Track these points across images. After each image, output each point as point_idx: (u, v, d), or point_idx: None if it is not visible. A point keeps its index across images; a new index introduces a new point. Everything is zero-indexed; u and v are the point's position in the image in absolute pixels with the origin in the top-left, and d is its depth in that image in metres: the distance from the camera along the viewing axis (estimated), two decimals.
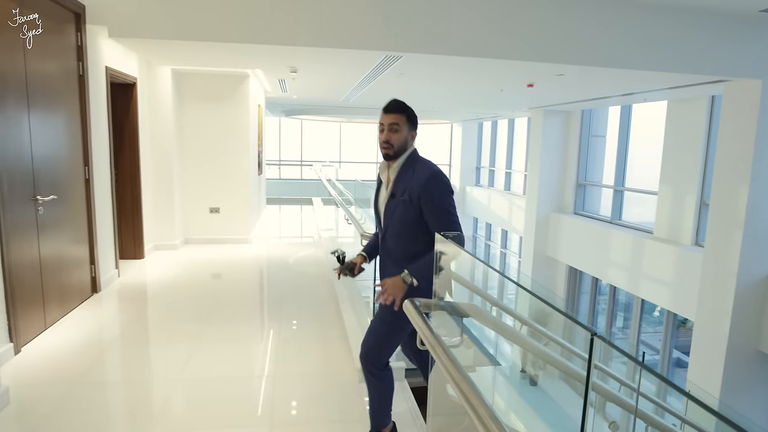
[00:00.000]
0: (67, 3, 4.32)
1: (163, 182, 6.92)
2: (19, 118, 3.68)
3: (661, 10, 5.33)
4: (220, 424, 2.88)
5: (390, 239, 2.51)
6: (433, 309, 1.95)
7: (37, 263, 3.95)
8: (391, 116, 2.48)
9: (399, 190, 2.45)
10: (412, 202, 2.38)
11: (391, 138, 2.45)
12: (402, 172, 2.47)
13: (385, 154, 2.49)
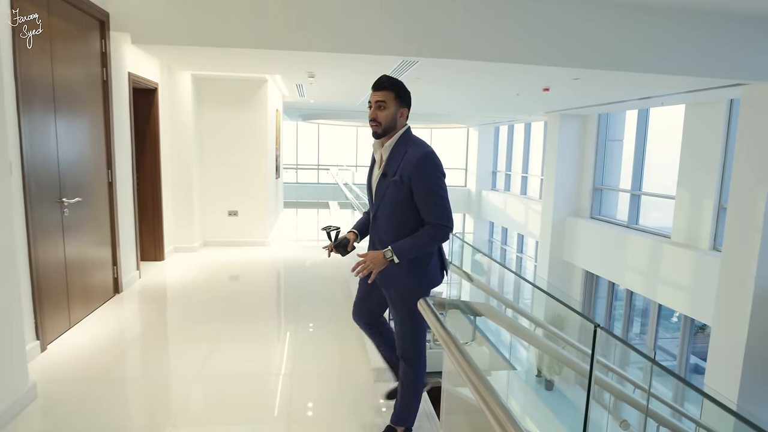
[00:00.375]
0: (91, 11, 4.45)
1: (182, 185, 7.05)
2: (46, 123, 3.80)
3: (678, 15, 5.33)
4: (238, 420, 2.95)
5: (380, 219, 2.50)
6: (447, 308, 2.00)
7: (62, 264, 4.07)
8: (378, 93, 2.41)
9: (390, 170, 2.42)
10: (403, 183, 2.35)
11: (378, 116, 2.41)
12: (394, 152, 2.44)
13: (373, 131, 2.46)
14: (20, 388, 2.96)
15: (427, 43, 5.13)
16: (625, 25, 5.32)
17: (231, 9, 4.83)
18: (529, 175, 14.66)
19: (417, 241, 2.35)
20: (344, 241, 2.61)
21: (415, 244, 2.34)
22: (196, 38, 4.89)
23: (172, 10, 4.78)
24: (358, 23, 5.00)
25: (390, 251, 2.33)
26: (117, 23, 4.78)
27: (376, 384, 3.44)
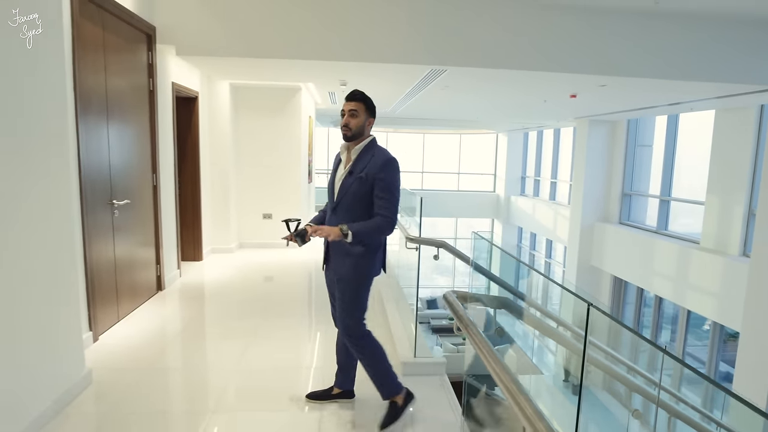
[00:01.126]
0: (140, 25, 4.76)
1: (220, 189, 7.36)
2: (99, 130, 4.11)
3: (704, 21, 5.40)
4: (274, 408, 3.16)
5: (340, 211, 2.82)
6: (468, 300, 2.17)
7: (112, 261, 4.37)
8: (352, 103, 2.80)
9: (357, 169, 2.77)
10: (367, 180, 2.72)
11: (350, 122, 2.78)
12: (362, 154, 2.81)
13: (344, 135, 2.82)
14: (78, 373, 3.24)
15: (453, 52, 5.32)
16: (649, 33, 5.42)
17: (268, 22, 5.10)
18: (558, 181, 14.66)
19: (369, 226, 2.72)
20: (302, 232, 2.85)
21: (367, 228, 2.71)
22: (236, 49, 5.19)
23: (214, 23, 5.08)
24: (387, 34, 5.22)
25: (346, 227, 2.65)
26: (163, 36, 5.09)
27: (404, 378, 3.62)
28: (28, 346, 2.73)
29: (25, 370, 2.70)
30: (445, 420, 3.13)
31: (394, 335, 4.22)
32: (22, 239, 2.63)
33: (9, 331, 2.56)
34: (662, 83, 5.90)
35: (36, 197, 2.76)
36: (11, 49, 2.51)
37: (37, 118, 2.76)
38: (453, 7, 5.21)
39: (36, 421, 2.77)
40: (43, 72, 2.82)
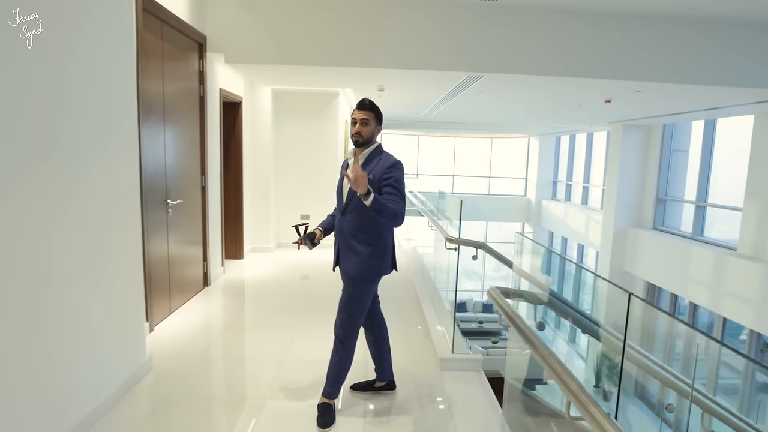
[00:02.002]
0: (193, 35, 5.04)
1: (260, 190, 7.64)
2: (158, 134, 4.38)
3: (742, 26, 5.43)
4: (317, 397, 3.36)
5: (349, 213, 2.95)
6: (512, 296, 2.32)
7: (165, 258, 4.64)
8: (363, 113, 2.93)
9: (366, 170, 2.87)
10: (374, 182, 2.85)
11: (362, 130, 2.92)
12: (370, 158, 2.96)
13: (355, 141, 2.95)
14: (141, 359, 3.49)
15: (490, 59, 5.46)
16: (685, 39, 5.47)
17: (311, 31, 5.34)
18: (591, 185, 14.60)
19: (387, 205, 2.75)
20: (311, 235, 3.02)
21: (384, 205, 2.73)
22: (281, 57, 5.43)
23: (261, 32, 5.34)
24: (424, 41, 5.40)
25: (371, 191, 2.67)
26: (213, 45, 5.36)
27: (442, 372, 3.78)
28: (104, 333, 2.98)
29: (100, 354, 2.95)
30: (484, 412, 3.27)
31: (432, 332, 4.38)
32: (101, 236, 2.89)
33: (88, 320, 2.81)
34: (698, 89, 5.93)
35: (112, 196, 3.01)
36: (100, 63, 2.77)
37: (114, 123, 3.02)
38: (489, 15, 5.36)
39: (108, 399, 3.02)
40: (119, 82, 3.08)
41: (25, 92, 2.26)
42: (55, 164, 2.47)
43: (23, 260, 2.28)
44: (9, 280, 2.19)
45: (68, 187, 2.59)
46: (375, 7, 5.35)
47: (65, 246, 2.58)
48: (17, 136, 2.21)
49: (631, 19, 5.43)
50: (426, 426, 3.07)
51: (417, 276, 6.60)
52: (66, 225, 2.58)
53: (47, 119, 2.41)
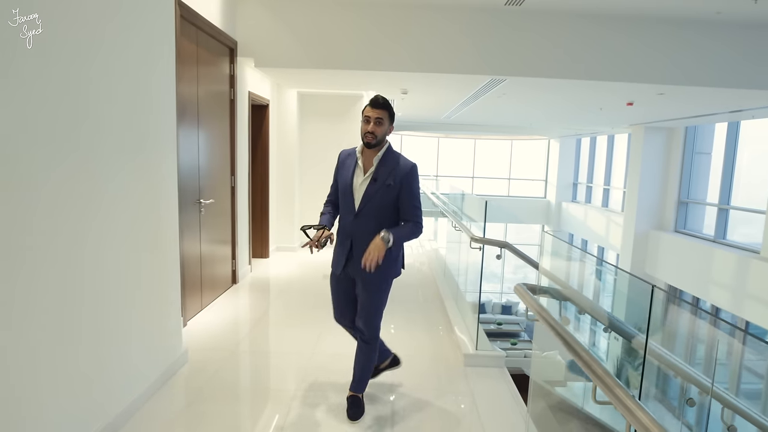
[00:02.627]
0: (225, 40, 5.21)
1: (285, 191, 7.81)
2: (192, 136, 4.56)
3: (765, 29, 5.45)
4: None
5: (363, 217, 2.83)
6: (537, 293, 2.43)
7: (198, 255, 4.81)
8: (378, 111, 2.77)
9: (382, 176, 2.80)
10: (394, 186, 2.78)
11: (376, 130, 2.77)
12: (384, 160, 2.83)
13: (367, 142, 2.79)
14: (177, 351, 3.66)
15: (512, 63, 5.56)
16: (709, 42, 5.51)
17: (338, 36, 5.49)
18: (611, 188, 14.56)
19: (405, 230, 2.81)
20: (325, 238, 2.81)
21: (404, 233, 2.79)
22: (309, 62, 5.59)
23: (289, 37, 5.50)
24: (449, 46, 5.52)
25: (388, 237, 2.69)
26: (243, 50, 5.54)
27: (466, 368, 3.89)
28: (146, 327, 3.15)
29: (143, 346, 3.12)
30: (508, 406, 3.38)
31: (455, 328, 4.49)
32: (146, 234, 3.06)
33: (131, 315, 2.98)
34: (721, 91, 5.96)
35: (154, 196, 3.18)
36: (148, 71, 2.94)
37: (157, 126, 3.19)
38: (513, 19, 5.46)
39: (150, 387, 3.19)
40: (162, 86, 3.25)
41: (87, 99, 2.43)
42: (104, 165, 2.64)
43: (76, 257, 2.45)
44: (62, 276, 2.36)
45: (116, 187, 2.76)
46: (401, 12, 5.48)
47: (114, 243, 2.75)
48: (76, 136, 2.38)
49: (654, 23, 5.49)
50: (452, 418, 3.18)
51: (439, 276, 6.71)
52: (114, 223, 2.75)
53: (104, 124, 2.58)
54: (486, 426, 3.10)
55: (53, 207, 2.25)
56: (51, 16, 2.16)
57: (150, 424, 2.95)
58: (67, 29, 2.30)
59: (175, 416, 3.08)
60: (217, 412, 3.17)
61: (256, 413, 3.20)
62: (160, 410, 3.12)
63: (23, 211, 2.07)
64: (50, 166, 2.22)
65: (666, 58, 5.57)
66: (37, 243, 2.15)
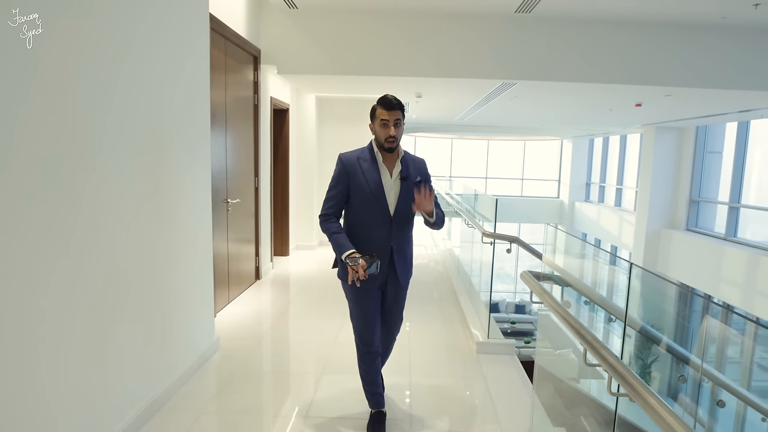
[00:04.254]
0: (250, 49, 5.52)
1: (305, 191, 8.12)
2: (220, 140, 4.86)
3: None
4: None
5: (399, 216, 2.74)
6: (541, 279, 2.67)
7: (225, 252, 5.12)
8: (396, 113, 2.66)
9: (411, 175, 2.75)
10: (421, 183, 2.69)
11: (397, 133, 2.66)
12: (406, 160, 2.78)
13: (389, 147, 2.67)
14: (211, 339, 3.96)
15: (525, 67, 5.81)
16: (714, 45, 5.70)
17: (357, 43, 5.78)
18: (624, 187, 14.69)
19: (440, 211, 2.81)
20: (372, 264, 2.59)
21: (439, 214, 2.79)
22: (330, 68, 5.89)
23: (310, 45, 5.80)
24: (463, 51, 5.78)
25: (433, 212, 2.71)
26: (266, 57, 5.85)
27: (478, 355, 4.14)
28: (186, 314, 3.45)
29: (181, 333, 3.42)
30: (517, 388, 3.63)
31: (468, 321, 4.74)
32: (185, 231, 3.36)
33: (172, 303, 3.28)
34: (728, 93, 6.14)
35: (192, 195, 3.49)
36: (189, 82, 3.25)
37: (196, 131, 3.49)
38: (525, 25, 5.70)
39: (186, 372, 3.49)
40: (199, 95, 3.55)
41: (136, 108, 2.73)
42: (154, 168, 2.95)
43: (118, 254, 2.75)
44: (107, 271, 2.66)
45: (158, 186, 3.06)
46: (419, 19, 5.75)
47: (153, 241, 3.05)
48: (128, 141, 2.69)
49: (661, 27, 5.69)
50: (467, 398, 3.44)
51: (453, 273, 6.96)
52: (154, 221, 3.05)
53: (151, 129, 2.89)
54: (497, 405, 3.35)
55: (89, 212, 2.40)
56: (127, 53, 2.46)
57: (190, 400, 3.24)
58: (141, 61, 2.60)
59: (212, 395, 3.37)
60: (250, 391, 3.46)
61: (284, 393, 3.48)
62: (198, 390, 3.41)
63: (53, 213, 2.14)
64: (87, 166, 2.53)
65: (673, 60, 5.77)
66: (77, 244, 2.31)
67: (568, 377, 3.70)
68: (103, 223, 2.50)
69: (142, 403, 2.90)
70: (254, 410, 3.22)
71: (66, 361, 2.26)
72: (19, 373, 1.99)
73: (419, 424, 3.07)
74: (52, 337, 2.16)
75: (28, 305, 2.03)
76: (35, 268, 2.05)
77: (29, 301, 2.03)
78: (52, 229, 2.13)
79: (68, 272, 2.24)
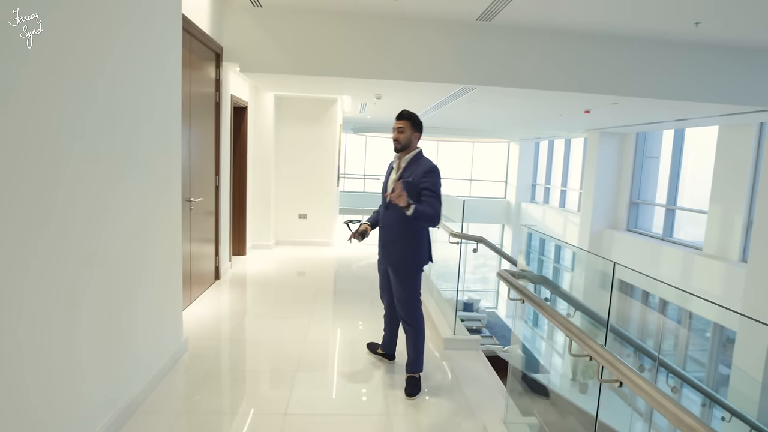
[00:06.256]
0: (212, 45, 5.45)
1: (262, 190, 8.06)
2: (184, 136, 4.78)
3: (709, 48, 6.05)
4: (343, 369, 3.82)
5: (391, 209, 3.43)
6: (517, 277, 2.82)
7: (188, 252, 5.04)
8: (400, 122, 3.45)
9: (406, 174, 3.39)
10: (414, 184, 3.30)
11: (399, 137, 3.44)
12: (410, 163, 3.44)
13: (395, 147, 3.49)
14: (180, 339, 3.91)
15: (485, 72, 5.99)
16: (660, 57, 6.07)
17: (319, 43, 5.81)
18: (568, 189, 15.30)
19: (426, 208, 3.21)
20: (362, 230, 3.60)
21: (425, 209, 3.21)
22: (292, 68, 5.89)
23: (274, 44, 5.79)
24: (425, 55, 5.91)
25: (411, 201, 3.17)
26: (229, 55, 5.79)
27: (444, 351, 4.28)
28: (158, 315, 3.41)
29: (153, 335, 3.38)
30: (484, 380, 3.78)
31: (434, 319, 4.87)
32: (155, 230, 3.32)
33: (144, 304, 3.24)
34: (670, 103, 6.55)
35: (163, 192, 3.44)
36: (160, 77, 3.21)
37: (167, 128, 3.45)
38: (486, 31, 5.89)
39: (159, 373, 3.45)
40: (171, 91, 3.52)
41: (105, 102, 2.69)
42: (126, 166, 2.91)
43: (88, 251, 2.71)
44: (75, 270, 2.62)
45: (128, 186, 3.02)
46: (382, 22, 5.83)
47: (125, 239, 3.01)
48: (102, 138, 2.65)
49: (609, 40, 6.01)
50: (441, 389, 3.56)
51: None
52: (125, 219, 3.01)
53: (120, 125, 2.85)
54: (469, 398, 3.49)
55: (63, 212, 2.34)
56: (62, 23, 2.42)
57: (166, 402, 3.21)
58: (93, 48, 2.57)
59: (187, 396, 3.35)
60: (225, 391, 3.47)
61: (261, 392, 3.49)
62: (172, 391, 3.37)
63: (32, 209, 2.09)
64: (67, 161, 2.48)
65: (619, 71, 6.11)
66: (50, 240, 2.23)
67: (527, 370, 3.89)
68: (76, 223, 2.43)
69: (117, 407, 2.85)
70: (232, 410, 3.23)
71: (31, 369, 2.13)
72: None
73: (399, 421, 3.16)
74: (13, 343, 2.06)
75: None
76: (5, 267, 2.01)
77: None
78: (24, 231, 2.06)
79: (37, 274, 2.14)
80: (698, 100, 6.22)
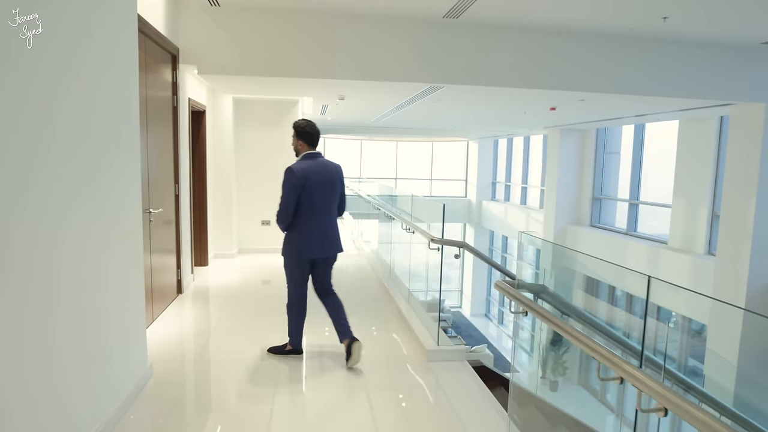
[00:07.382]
0: (168, 47, 5.10)
1: (223, 198, 7.69)
2: (141, 143, 4.43)
3: (672, 43, 6.07)
4: (325, 387, 3.57)
5: None
6: (516, 287, 2.65)
7: (148, 266, 4.68)
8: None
9: None
10: None
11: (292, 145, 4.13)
12: None
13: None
14: (145, 364, 3.58)
15: (452, 71, 5.83)
16: (626, 53, 6.05)
17: (279, 44, 5.53)
18: (529, 186, 15.40)
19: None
20: None
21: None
22: (250, 69, 5.60)
23: (233, 45, 5.49)
24: (387, 54, 5.71)
25: None
26: (186, 57, 5.44)
27: (429, 363, 4.08)
28: (120, 344, 3.08)
29: (117, 364, 3.05)
30: (474, 394, 3.60)
31: (414, 329, 4.66)
32: (113, 245, 2.99)
33: (107, 329, 2.91)
34: (635, 98, 6.55)
35: (123, 206, 3.12)
36: (127, 78, 2.89)
37: (124, 136, 3.13)
38: (451, 30, 5.73)
39: (127, 400, 3.14)
40: (129, 96, 3.19)
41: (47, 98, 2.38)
42: (86, 178, 2.59)
43: (40, 266, 2.39)
44: (23, 288, 2.30)
45: (86, 196, 2.70)
46: (340, 21, 5.58)
47: (86, 256, 2.69)
48: (42, 138, 2.33)
49: (573, 36, 5.93)
50: (430, 405, 3.36)
51: (385, 277, 6.86)
52: (81, 229, 2.69)
53: (73, 133, 2.53)
54: (461, 414, 3.29)
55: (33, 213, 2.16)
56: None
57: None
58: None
59: (157, 426, 3.04)
60: (196, 418, 3.16)
61: (238, 415, 3.21)
62: (138, 423, 3.06)
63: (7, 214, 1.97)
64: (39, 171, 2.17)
65: (586, 68, 6.04)
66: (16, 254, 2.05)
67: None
68: (40, 237, 2.14)
69: None
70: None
71: None
72: None
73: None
74: None
75: None
76: None
77: None
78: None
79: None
80: (666, 95, 6.23)
